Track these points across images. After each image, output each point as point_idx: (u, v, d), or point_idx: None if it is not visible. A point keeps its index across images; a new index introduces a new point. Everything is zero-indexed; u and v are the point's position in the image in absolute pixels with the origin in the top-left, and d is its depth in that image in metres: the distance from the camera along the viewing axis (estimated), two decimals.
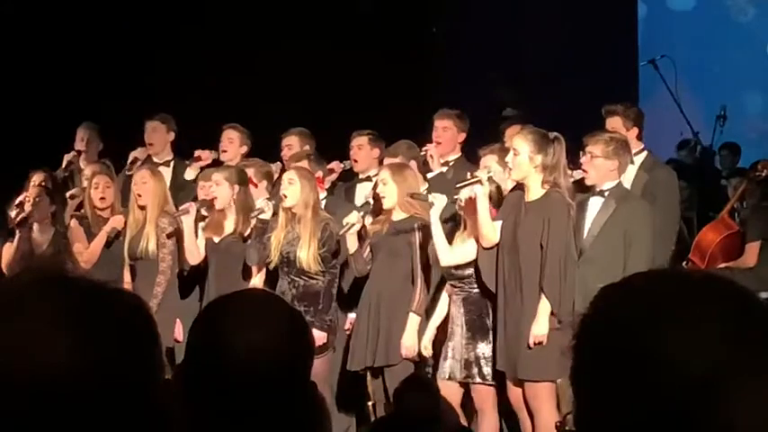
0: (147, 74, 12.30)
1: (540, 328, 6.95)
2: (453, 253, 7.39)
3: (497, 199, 7.45)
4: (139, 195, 8.55)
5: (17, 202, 9.01)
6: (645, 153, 8.38)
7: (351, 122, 9.46)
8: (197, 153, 9.66)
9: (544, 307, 6.97)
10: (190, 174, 9.55)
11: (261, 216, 8.03)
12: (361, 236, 7.95)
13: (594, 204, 7.33)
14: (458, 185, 7.41)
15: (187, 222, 8.25)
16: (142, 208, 8.56)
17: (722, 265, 8.69)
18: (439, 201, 7.38)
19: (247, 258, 8.08)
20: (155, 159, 9.74)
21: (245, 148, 9.56)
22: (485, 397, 7.37)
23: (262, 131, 9.74)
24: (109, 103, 11.50)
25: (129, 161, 9.81)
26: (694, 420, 1.42)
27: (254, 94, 12.03)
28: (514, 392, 7.20)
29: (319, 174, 8.60)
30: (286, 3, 12.95)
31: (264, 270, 8.10)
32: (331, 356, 7.95)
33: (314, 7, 12.92)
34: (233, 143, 9.56)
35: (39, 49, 12.19)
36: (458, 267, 7.45)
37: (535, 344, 6.93)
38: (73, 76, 12.15)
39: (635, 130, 8.37)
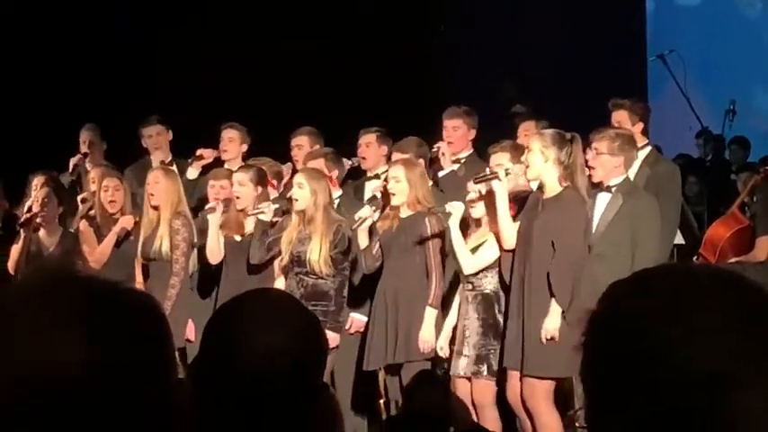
0: (148, 74, 12.31)
1: (553, 322, 6.90)
2: (475, 260, 7.35)
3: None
4: (152, 195, 8.52)
5: (26, 205, 8.97)
6: (649, 148, 8.37)
7: (350, 123, 9.43)
8: (199, 152, 9.66)
9: (556, 303, 6.94)
10: (191, 173, 9.54)
11: (260, 216, 8.05)
12: (371, 232, 7.92)
13: (602, 200, 7.31)
14: (475, 179, 7.37)
15: (213, 220, 8.25)
16: (155, 208, 8.54)
17: (733, 260, 8.67)
18: (457, 210, 7.30)
19: (250, 256, 8.10)
20: (152, 159, 9.78)
21: (245, 147, 9.57)
22: (485, 392, 7.32)
23: (261, 132, 9.72)
24: (109, 103, 11.49)
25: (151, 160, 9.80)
26: (699, 415, 1.42)
27: (254, 94, 12.02)
28: (513, 391, 7.14)
29: (335, 173, 8.59)
30: (286, 3, 12.94)
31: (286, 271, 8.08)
32: (335, 356, 7.94)
33: (314, 7, 12.92)
34: (233, 142, 9.56)
35: (39, 50, 12.19)
36: None
37: (547, 339, 6.88)
38: (73, 77, 12.14)
39: (640, 125, 8.36)
